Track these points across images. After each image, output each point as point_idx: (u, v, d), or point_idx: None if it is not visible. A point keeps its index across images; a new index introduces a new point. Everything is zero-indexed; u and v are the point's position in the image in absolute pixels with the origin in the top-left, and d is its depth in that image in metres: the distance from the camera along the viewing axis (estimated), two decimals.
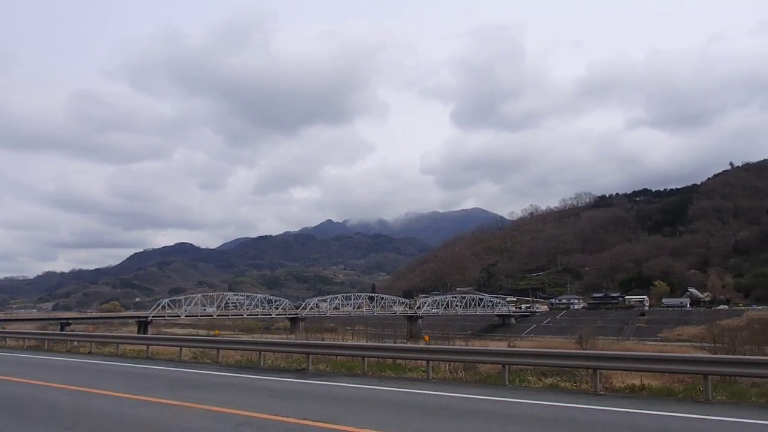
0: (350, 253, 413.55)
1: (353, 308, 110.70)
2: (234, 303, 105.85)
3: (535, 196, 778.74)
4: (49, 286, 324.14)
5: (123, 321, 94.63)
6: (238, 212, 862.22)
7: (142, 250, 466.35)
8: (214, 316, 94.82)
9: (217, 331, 55.38)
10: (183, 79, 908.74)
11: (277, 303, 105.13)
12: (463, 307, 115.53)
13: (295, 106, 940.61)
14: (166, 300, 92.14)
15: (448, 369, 16.40)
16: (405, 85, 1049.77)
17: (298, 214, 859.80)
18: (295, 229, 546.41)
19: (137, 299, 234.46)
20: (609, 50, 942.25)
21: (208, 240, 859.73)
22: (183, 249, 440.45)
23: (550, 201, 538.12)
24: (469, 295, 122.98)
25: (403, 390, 12.62)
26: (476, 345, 48.40)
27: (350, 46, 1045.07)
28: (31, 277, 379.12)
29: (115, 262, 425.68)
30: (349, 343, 26.14)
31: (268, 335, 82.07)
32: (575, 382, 14.20)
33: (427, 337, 41.70)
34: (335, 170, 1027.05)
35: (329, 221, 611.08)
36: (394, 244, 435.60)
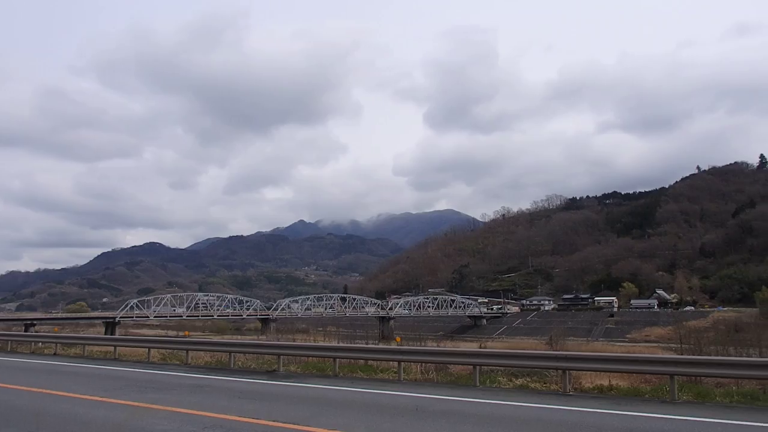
0: (322, 254, 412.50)
1: (325, 309, 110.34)
2: (204, 304, 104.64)
3: (507, 197, 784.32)
4: (14, 286, 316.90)
5: (90, 322, 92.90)
6: (209, 212, 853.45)
7: (110, 249, 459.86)
8: (184, 317, 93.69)
9: (187, 332, 54.92)
10: (154, 77, 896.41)
11: (248, 304, 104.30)
12: (435, 309, 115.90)
13: (268, 105, 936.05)
14: (135, 300, 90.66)
15: (419, 370, 16.43)
16: (378, 86, 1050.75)
17: (270, 214, 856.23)
18: (266, 229, 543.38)
19: (105, 300, 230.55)
20: (581, 54, 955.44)
21: (178, 240, 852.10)
22: (152, 249, 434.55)
23: (522, 203, 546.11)
24: (441, 297, 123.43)
25: (374, 391, 12.59)
26: (448, 346, 48.62)
27: (324, 46, 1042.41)
28: None
29: (82, 262, 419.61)
30: (321, 344, 26.07)
31: (239, 336, 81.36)
32: (545, 383, 14.34)
33: (398, 338, 41.76)
34: (308, 170, 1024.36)
35: (301, 222, 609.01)
36: (367, 245, 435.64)
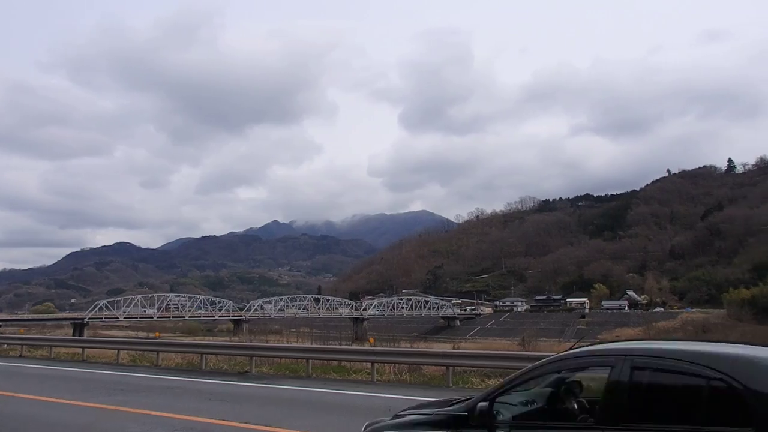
0: (296, 255, 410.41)
1: (298, 310, 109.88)
2: (176, 304, 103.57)
3: (481, 199, 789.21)
4: None
5: (57, 323, 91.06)
6: (181, 212, 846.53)
7: (79, 249, 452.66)
8: (155, 318, 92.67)
9: (158, 333, 54.26)
10: (126, 74, 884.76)
11: (221, 304, 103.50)
12: (409, 309, 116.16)
13: (243, 104, 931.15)
14: (104, 301, 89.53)
15: (392, 371, 16.39)
16: (354, 87, 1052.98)
17: (243, 214, 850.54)
18: (239, 229, 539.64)
19: (73, 300, 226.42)
20: (554, 58, 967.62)
21: (149, 240, 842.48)
22: (123, 249, 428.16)
23: (496, 204, 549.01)
24: (414, 298, 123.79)
25: (347, 392, 12.55)
26: (421, 347, 48.66)
27: (300, 45, 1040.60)
28: None
29: (49, 262, 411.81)
30: (293, 345, 25.84)
31: (211, 337, 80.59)
32: None
33: (372, 339, 41.64)
34: (282, 170, 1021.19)
35: (275, 222, 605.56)
36: (341, 246, 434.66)
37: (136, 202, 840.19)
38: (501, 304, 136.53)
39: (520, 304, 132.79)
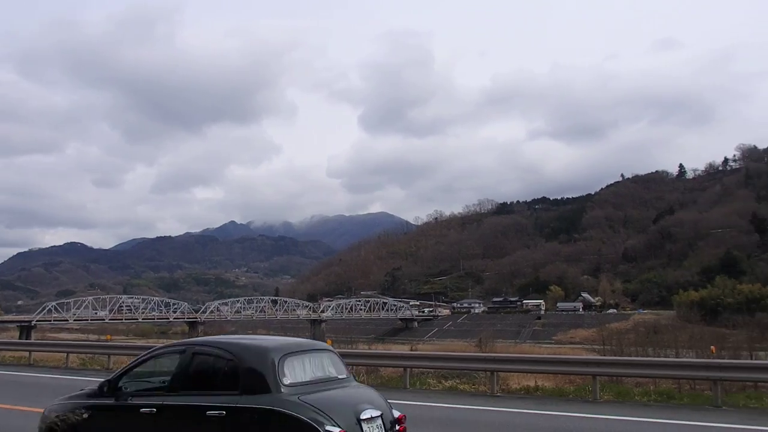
0: (253, 256, 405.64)
1: (255, 312, 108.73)
2: (129, 306, 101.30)
3: (440, 201, 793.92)
4: None
5: (3, 326, 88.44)
6: (136, 211, 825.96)
7: (26, 249, 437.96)
8: (107, 320, 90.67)
9: (109, 336, 52.96)
10: (78, 69, 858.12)
11: (176, 306, 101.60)
12: (367, 311, 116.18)
13: (201, 102, 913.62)
14: (53, 303, 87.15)
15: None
16: (314, 87, 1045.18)
17: (199, 214, 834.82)
18: (196, 230, 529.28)
19: (20, 302, 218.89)
20: (513, 62, 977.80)
21: (101, 240, 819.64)
22: (73, 249, 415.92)
23: (454, 207, 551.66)
24: (373, 299, 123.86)
25: None
26: (379, 349, 48.76)
27: (259, 44, 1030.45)
28: None
29: None
30: None
31: (165, 340, 79.04)
32: (474, 384, 14.51)
33: (329, 341, 41.47)
34: (240, 170, 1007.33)
35: (232, 222, 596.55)
36: (299, 247, 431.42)
37: (89, 201, 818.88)
38: (459, 305, 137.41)
39: (477, 305, 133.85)
